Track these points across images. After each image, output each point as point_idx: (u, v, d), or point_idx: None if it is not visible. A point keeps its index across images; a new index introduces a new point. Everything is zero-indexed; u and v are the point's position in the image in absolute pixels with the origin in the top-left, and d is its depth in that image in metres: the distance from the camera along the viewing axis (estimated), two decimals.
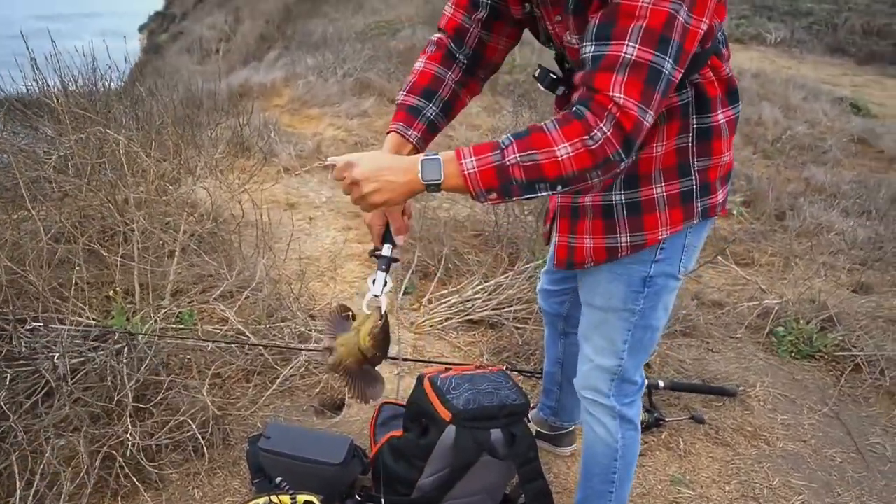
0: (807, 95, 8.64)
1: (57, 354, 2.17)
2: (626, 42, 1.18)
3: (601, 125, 1.19)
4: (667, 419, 2.58)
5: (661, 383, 2.68)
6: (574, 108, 1.22)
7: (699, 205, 1.51)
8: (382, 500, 1.97)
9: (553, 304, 2.08)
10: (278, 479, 1.92)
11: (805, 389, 2.94)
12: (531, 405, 2.18)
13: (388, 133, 1.62)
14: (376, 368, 1.67)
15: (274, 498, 1.82)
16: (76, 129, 3.24)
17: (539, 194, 1.26)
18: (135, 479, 2.06)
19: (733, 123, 1.51)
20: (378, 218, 1.58)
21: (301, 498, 1.83)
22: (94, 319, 2.50)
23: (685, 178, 1.48)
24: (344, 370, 1.61)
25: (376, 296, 1.52)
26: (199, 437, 2.18)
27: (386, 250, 1.57)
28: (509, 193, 1.26)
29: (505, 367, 2.34)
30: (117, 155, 3.16)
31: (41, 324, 2.32)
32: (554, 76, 1.58)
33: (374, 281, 1.54)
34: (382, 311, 1.51)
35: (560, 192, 1.27)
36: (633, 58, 1.18)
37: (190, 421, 2.20)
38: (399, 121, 1.61)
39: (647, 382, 2.60)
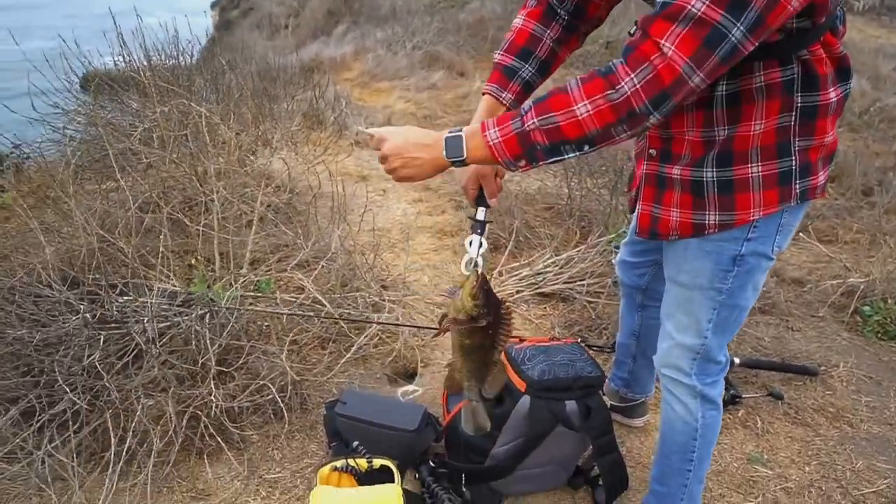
0: None
1: (146, 318, 2.27)
2: None
3: (632, 75, 1.14)
4: (743, 396, 2.53)
5: (737, 360, 2.61)
6: (607, 64, 1.19)
7: (798, 186, 1.42)
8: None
9: (633, 276, 2.05)
10: (355, 444, 1.97)
11: (892, 371, 2.82)
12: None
13: (483, 94, 1.61)
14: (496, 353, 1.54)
15: (351, 461, 1.87)
16: (160, 102, 3.35)
17: (567, 156, 1.24)
18: (219, 439, 2.15)
19: (842, 102, 1.42)
20: (472, 182, 1.59)
21: (377, 462, 1.88)
22: (178, 286, 2.60)
23: (784, 158, 1.40)
24: (458, 349, 1.52)
25: (473, 258, 1.53)
26: (279, 400, 2.25)
27: (480, 213, 1.58)
28: (535, 159, 1.25)
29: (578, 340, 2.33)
30: (199, 127, 3.25)
31: (136, 284, 2.43)
32: None
33: (470, 243, 1.55)
34: (480, 272, 1.49)
35: (588, 151, 1.24)
36: (699, 13, 1.10)
37: (270, 385, 2.27)
38: (494, 82, 1.60)
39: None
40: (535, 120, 1.21)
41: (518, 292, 3.17)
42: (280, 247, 3.12)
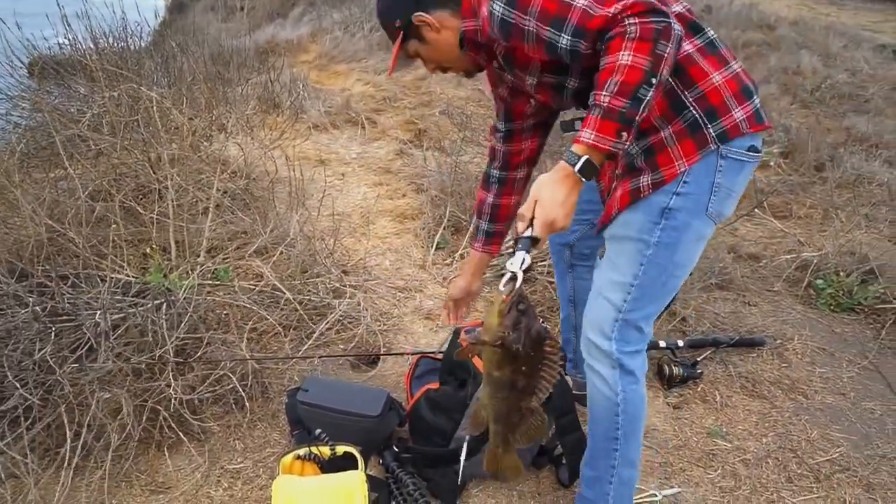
0: (847, 43, 8.33)
1: (98, 310, 2.21)
2: (574, 0, 1.39)
3: (628, 22, 1.33)
4: (699, 360, 2.59)
5: (681, 343, 2.65)
6: (603, 39, 1.38)
7: (711, 130, 1.51)
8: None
9: (561, 233, 2.05)
10: (318, 431, 1.95)
11: (844, 342, 2.90)
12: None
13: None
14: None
15: (314, 449, 1.85)
16: (109, 86, 3.25)
17: (649, 96, 1.34)
18: (178, 431, 2.11)
19: (704, 50, 1.54)
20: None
21: (340, 449, 1.87)
22: (132, 276, 2.54)
23: (684, 111, 1.52)
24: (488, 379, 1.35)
25: (514, 272, 1.37)
26: (240, 389, 2.22)
27: (528, 230, 1.44)
28: (630, 120, 1.35)
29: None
30: (150, 112, 3.17)
31: (88, 274, 2.36)
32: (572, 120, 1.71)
33: (512, 262, 1.40)
34: (516, 287, 1.32)
35: (658, 81, 1.34)
36: (581, 2, 1.38)
37: (230, 375, 2.24)
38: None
39: (665, 343, 2.58)
40: (604, 94, 1.34)
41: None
42: (238, 234, 3.06)
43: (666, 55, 1.33)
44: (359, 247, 3.35)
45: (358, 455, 1.85)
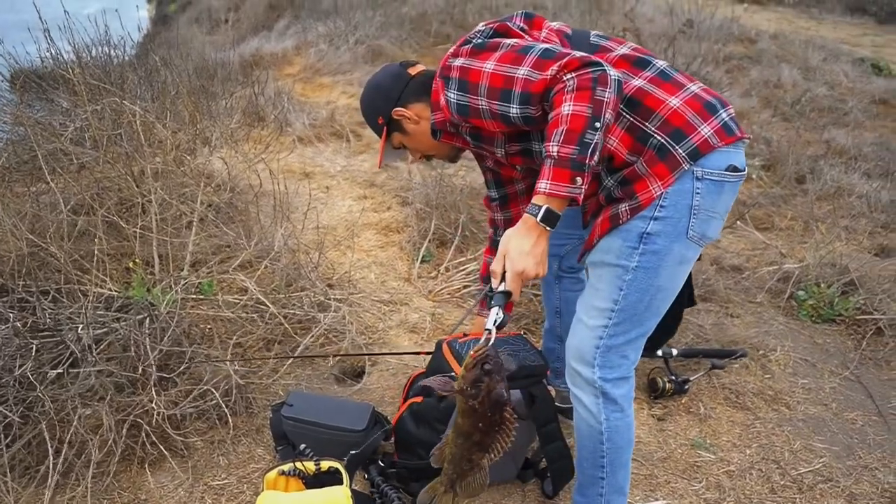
0: (826, 56, 8.43)
1: (80, 325, 2.19)
2: (515, 72, 1.53)
3: (566, 78, 1.45)
4: (690, 379, 2.60)
5: (675, 351, 2.66)
6: (548, 98, 1.49)
7: (680, 151, 1.53)
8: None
9: (554, 245, 2.06)
10: (302, 446, 1.94)
11: (826, 353, 2.93)
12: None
13: None
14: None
15: (299, 464, 1.84)
16: (91, 100, 3.23)
17: (595, 140, 1.41)
18: (161, 447, 2.09)
19: (657, 79, 1.60)
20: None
21: (325, 464, 1.86)
22: (115, 291, 2.52)
23: (649, 140, 1.55)
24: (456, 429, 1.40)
25: (488, 329, 1.42)
26: (223, 405, 2.21)
27: (501, 285, 1.50)
28: (581, 166, 1.41)
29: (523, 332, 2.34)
30: (133, 126, 3.15)
31: (70, 289, 2.34)
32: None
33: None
34: (489, 344, 1.36)
35: (604, 123, 1.42)
36: (522, 72, 1.52)
37: (213, 390, 2.22)
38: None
39: (661, 352, 2.60)
40: (552, 144, 1.41)
41: (465, 287, 3.18)
42: (222, 247, 3.05)
43: (606, 99, 1.42)
44: (344, 260, 3.35)
45: (343, 470, 1.84)
